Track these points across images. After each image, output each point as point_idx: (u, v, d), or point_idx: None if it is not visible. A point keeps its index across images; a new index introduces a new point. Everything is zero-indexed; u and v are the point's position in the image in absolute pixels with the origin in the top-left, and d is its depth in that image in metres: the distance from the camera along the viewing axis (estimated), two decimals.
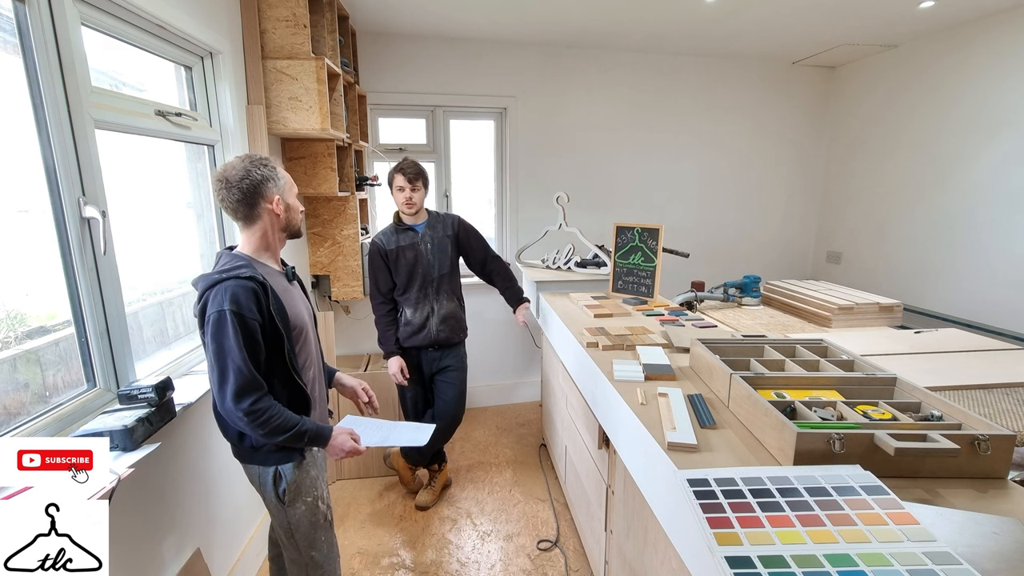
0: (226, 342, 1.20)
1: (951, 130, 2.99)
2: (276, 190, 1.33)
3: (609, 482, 1.71)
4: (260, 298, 1.25)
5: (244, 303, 1.22)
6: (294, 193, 1.40)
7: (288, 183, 1.38)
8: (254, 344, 1.24)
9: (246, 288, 1.23)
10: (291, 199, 1.38)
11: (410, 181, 2.21)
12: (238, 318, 1.20)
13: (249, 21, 2.11)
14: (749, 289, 2.56)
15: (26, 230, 1.28)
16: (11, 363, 1.21)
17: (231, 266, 1.26)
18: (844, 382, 1.22)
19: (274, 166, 1.35)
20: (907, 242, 3.29)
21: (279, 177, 1.35)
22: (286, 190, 1.37)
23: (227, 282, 1.23)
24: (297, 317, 1.38)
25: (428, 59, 3.23)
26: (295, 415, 1.30)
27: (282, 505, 1.39)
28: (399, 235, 2.31)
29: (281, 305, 1.31)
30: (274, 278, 1.36)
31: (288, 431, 1.27)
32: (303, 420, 1.31)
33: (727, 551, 0.75)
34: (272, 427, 1.25)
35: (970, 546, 0.76)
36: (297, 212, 1.42)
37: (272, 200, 1.33)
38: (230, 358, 1.20)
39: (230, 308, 1.20)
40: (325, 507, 1.49)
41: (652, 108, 3.60)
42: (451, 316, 2.40)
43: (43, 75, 1.19)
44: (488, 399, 3.73)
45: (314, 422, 1.35)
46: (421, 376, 2.45)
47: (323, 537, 1.47)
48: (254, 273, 1.26)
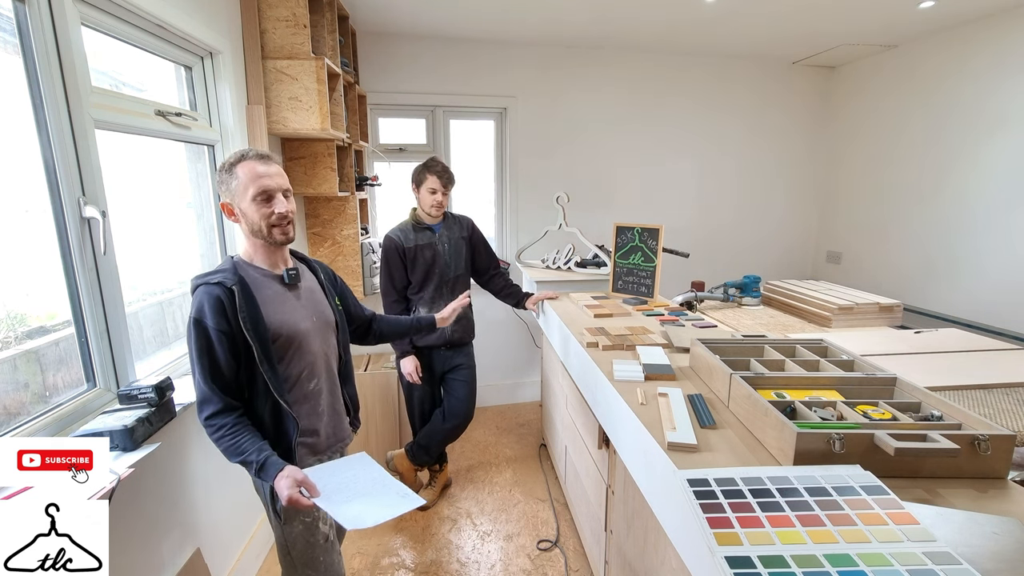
0: (191, 351, 1.19)
1: (951, 130, 2.99)
2: (225, 195, 1.26)
3: (609, 482, 1.71)
4: (225, 305, 1.19)
5: (207, 311, 1.18)
6: (249, 196, 1.23)
7: (240, 186, 1.23)
8: (213, 354, 1.19)
9: (211, 295, 1.19)
10: (244, 204, 1.24)
11: (444, 186, 2.25)
12: (199, 327, 1.18)
13: (249, 21, 2.11)
14: (749, 289, 2.56)
15: (26, 230, 1.28)
16: (11, 363, 1.21)
17: (212, 270, 1.25)
18: (844, 382, 1.22)
19: (233, 167, 1.24)
20: (907, 242, 3.29)
21: (232, 178, 1.24)
22: (238, 193, 1.23)
23: (200, 288, 1.21)
24: (284, 325, 1.28)
25: (428, 59, 3.23)
26: (251, 440, 1.18)
27: (279, 521, 1.33)
28: (417, 233, 2.31)
29: (257, 313, 1.22)
30: (262, 283, 1.28)
31: (237, 455, 1.18)
32: (255, 448, 1.18)
33: (727, 551, 0.75)
34: (224, 447, 1.19)
35: (970, 546, 0.76)
36: (254, 216, 1.24)
37: (223, 206, 1.26)
38: (193, 368, 1.19)
39: (194, 316, 1.19)
40: (327, 528, 1.39)
41: (652, 108, 3.60)
42: (464, 316, 2.41)
43: (43, 75, 1.19)
44: (488, 399, 3.73)
45: (266, 454, 1.18)
46: (431, 376, 2.45)
47: (322, 558, 1.38)
48: (224, 278, 1.21)
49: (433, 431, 2.45)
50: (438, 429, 2.44)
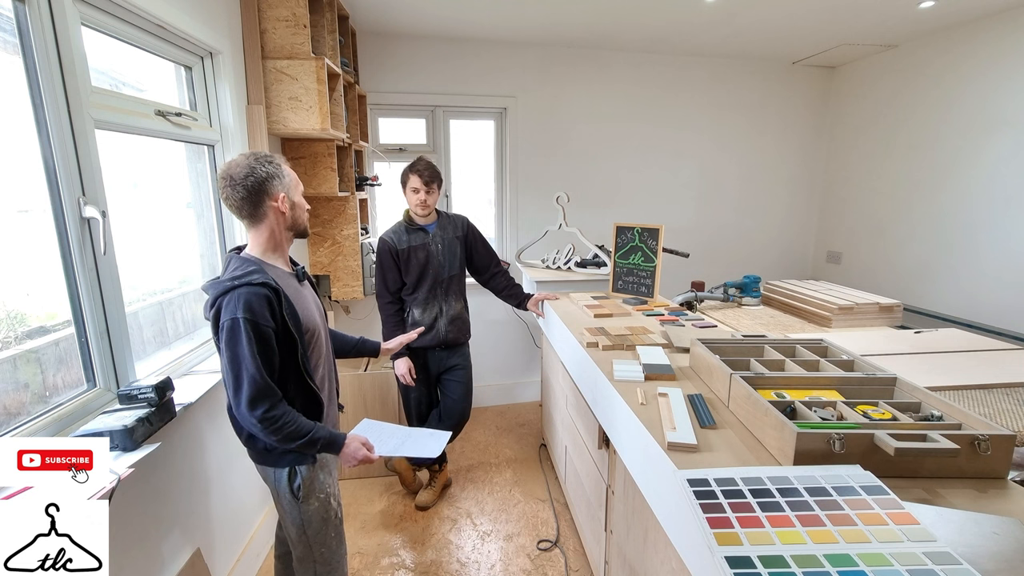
0: (240, 350, 1.20)
1: (951, 130, 2.99)
2: (281, 187, 1.31)
3: (609, 482, 1.71)
4: (273, 304, 1.24)
5: (258, 311, 1.21)
6: (300, 191, 1.38)
7: (293, 181, 1.36)
8: (268, 351, 1.23)
9: (259, 295, 1.22)
10: (297, 197, 1.37)
11: (426, 184, 2.21)
12: (252, 326, 1.20)
13: (249, 21, 2.11)
14: (749, 289, 2.56)
15: (26, 230, 1.28)
16: (11, 363, 1.21)
17: (243, 272, 1.25)
18: (844, 382, 1.22)
19: (279, 163, 1.33)
20: (907, 242, 3.29)
21: (284, 174, 1.33)
22: (291, 188, 1.34)
23: (240, 289, 1.22)
24: (309, 320, 1.37)
25: (428, 59, 3.23)
26: (308, 422, 1.30)
27: (296, 501, 1.39)
28: (410, 235, 2.30)
29: (294, 310, 1.29)
30: (285, 281, 1.34)
31: (301, 438, 1.27)
32: (316, 428, 1.30)
33: (727, 551, 0.75)
34: (285, 434, 1.25)
35: (970, 546, 0.76)
36: (303, 211, 1.40)
37: (277, 198, 1.31)
38: (244, 366, 1.20)
39: (244, 316, 1.19)
40: (336, 504, 1.49)
41: (652, 108, 3.60)
42: (458, 317, 2.41)
43: (43, 75, 1.19)
44: (488, 399, 3.73)
45: (327, 429, 1.34)
46: (427, 376, 2.45)
47: (333, 534, 1.48)
48: (266, 279, 1.25)
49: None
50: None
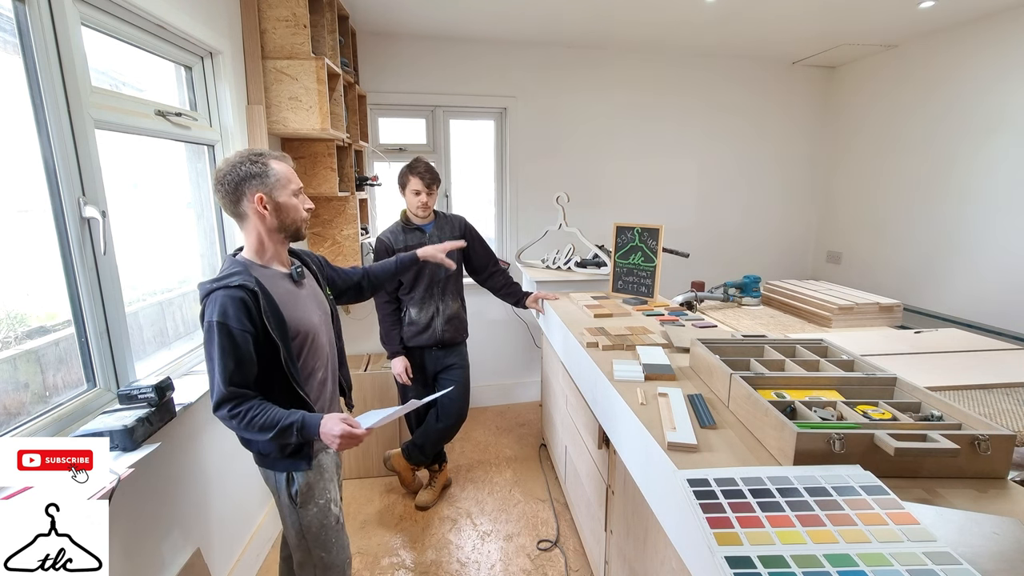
0: (212, 352, 1.20)
1: (951, 130, 2.99)
2: (261, 187, 1.26)
3: (609, 482, 1.71)
4: (250, 307, 1.21)
5: (231, 314, 1.19)
6: (291, 191, 1.31)
7: (281, 180, 1.29)
8: (241, 355, 1.20)
9: (234, 298, 1.20)
10: (284, 198, 1.29)
11: (427, 186, 2.22)
12: (223, 329, 1.19)
13: (249, 21, 2.11)
14: (749, 289, 2.56)
15: (26, 230, 1.28)
16: (11, 363, 1.21)
17: (225, 273, 1.25)
18: (844, 382, 1.22)
19: (266, 161, 1.28)
20: (907, 242, 3.29)
21: (268, 173, 1.27)
22: (276, 187, 1.28)
23: (218, 292, 1.21)
24: (301, 322, 1.33)
25: (428, 59, 3.23)
26: (281, 411, 1.23)
27: (294, 506, 1.38)
28: (407, 234, 2.31)
29: (279, 313, 1.26)
30: (275, 282, 1.31)
31: (273, 428, 1.21)
32: (289, 414, 1.23)
33: (727, 551, 0.75)
34: (257, 426, 1.21)
35: (970, 546, 0.76)
36: (295, 211, 1.32)
37: (253, 198, 1.26)
38: (215, 368, 1.20)
39: (217, 319, 1.19)
40: (337, 509, 1.48)
41: (652, 108, 3.60)
42: (455, 316, 2.41)
43: (43, 75, 1.19)
44: (488, 399, 3.73)
45: (301, 413, 1.25)
46: (424, 376, 2.45)
47: (333, 539, 1.46)
48: (245, 281, 1.22)
49: (427, 431, 2.45)
50: (432, 429, 2.44)
